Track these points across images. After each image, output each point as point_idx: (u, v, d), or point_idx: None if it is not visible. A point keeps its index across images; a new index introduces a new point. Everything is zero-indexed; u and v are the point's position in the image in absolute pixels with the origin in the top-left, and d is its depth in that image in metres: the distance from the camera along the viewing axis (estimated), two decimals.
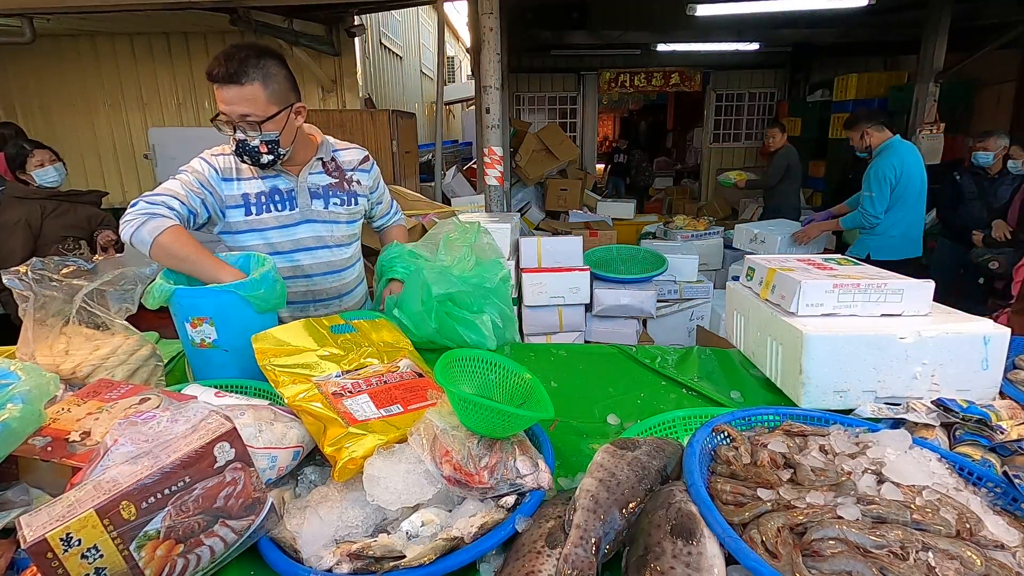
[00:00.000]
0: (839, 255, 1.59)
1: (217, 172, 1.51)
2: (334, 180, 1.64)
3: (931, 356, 1.14)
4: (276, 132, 1.44)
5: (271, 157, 1.47)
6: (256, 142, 1.43)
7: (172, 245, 1.34)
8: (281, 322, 1.29)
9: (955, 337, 1.14)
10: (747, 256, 1.53)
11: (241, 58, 1.36)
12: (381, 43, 7.97)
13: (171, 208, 1.40)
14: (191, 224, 1.47)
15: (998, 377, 1.16)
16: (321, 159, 1.63)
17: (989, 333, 1.14)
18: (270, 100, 1.41)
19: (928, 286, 1.22)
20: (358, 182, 1.69)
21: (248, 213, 1.55)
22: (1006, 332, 1.13)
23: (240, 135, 1.42)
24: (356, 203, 1.69)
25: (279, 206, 1.56)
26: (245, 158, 1.47)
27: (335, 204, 1.64)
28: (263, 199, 1.55)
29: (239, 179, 1.54)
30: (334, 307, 1.73)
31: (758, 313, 1.37)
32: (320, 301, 1.70)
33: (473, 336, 1.47)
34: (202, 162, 1.53)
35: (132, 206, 1.39)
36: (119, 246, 3.04)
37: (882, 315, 1.22)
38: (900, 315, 1.22)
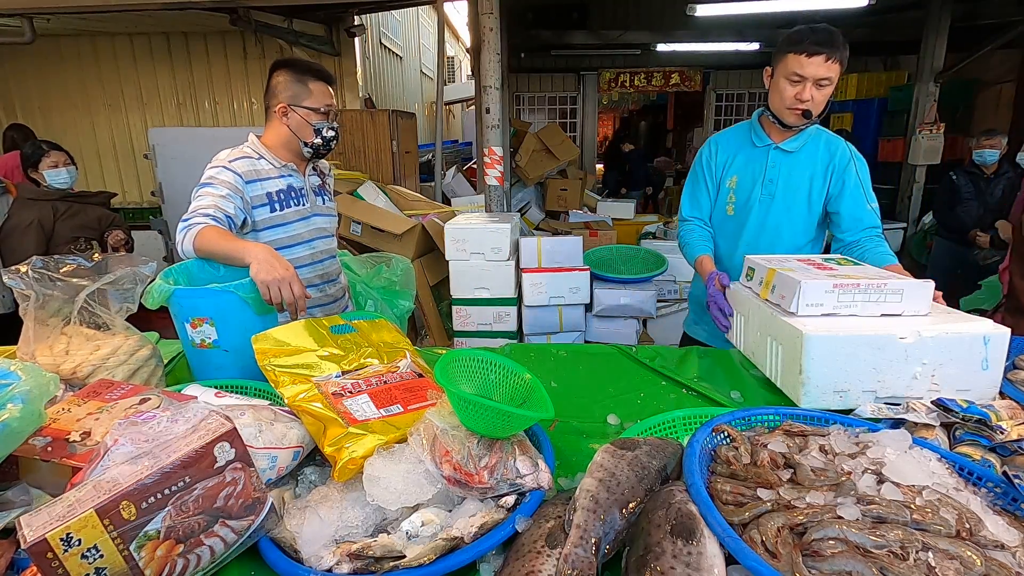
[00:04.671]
0: (838, 255, 1.58)
1: (241, 176, 1.61)
2: (320, 181, 1.86)
3: (931, 356, 1.14)
4: None
5: (336, 143, 1.73)
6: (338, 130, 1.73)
7: (204, 244, 1.40)
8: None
9: (955, 337, 1.13)
10: (747, 256, 1.53)
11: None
12: (381, 43, 7.97)
13: (207, 215, 1.47)
14: (232, 229, 1.55)
15: (998, 377, 1.16)
16: (313, 163, 1.82)
17: (989, 333, 1.13)
18: None
19: (928, 286, 1.22)
20: (330, 185, 1.92)
21: (273, 210, 1.68)
22: (1006, 332, 1.13)
23: (335, 124, 1.70)
24: (333, 201, 1.92)
25: (295, 202, 1.72)
26: (334, 143, 1.71)
27: (327, 200, 1.86)
28: (282, 196, 1.69)
29: (260, 179, 1.66)
30: (334, 286, 1.91)
31: (758, 313, 1.37)
32: (329, 282, 1.88)
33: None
34: (223, 170, 1.59)
35: (177, 232, 1.48)
36: (129, 246, 3.14)
37: (882, 315, 1.22)
38: (900, 315, 1.22)
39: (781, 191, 1.78)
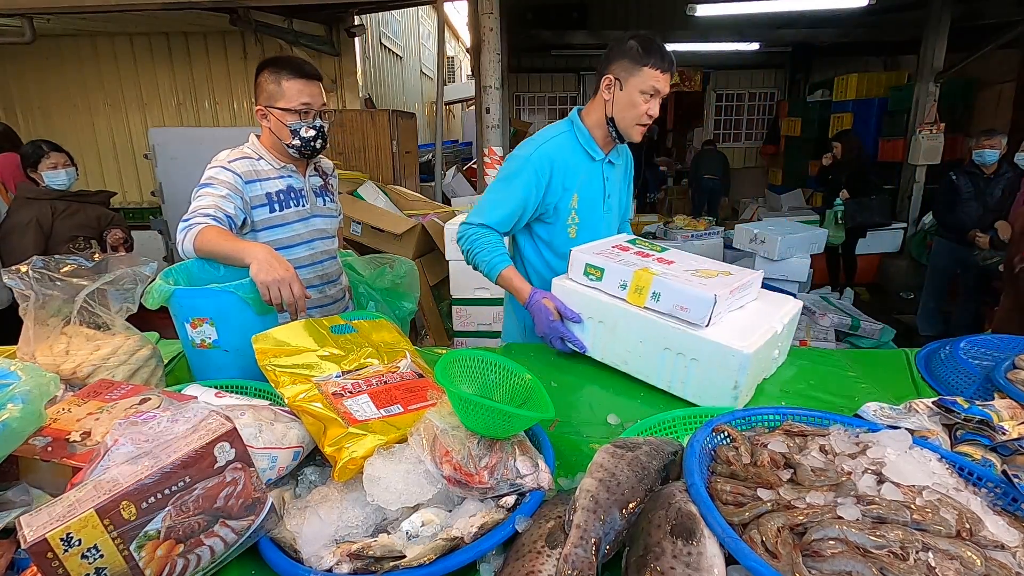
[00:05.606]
0: (627, 235, 1.66)
1: (240, 176, 1.61)
2: (322, 182, 1.84)
3: (781, 336, 1.34)
4: None
5: (324, 143, 1.69)
6: (327, 128, 1.68)
7: (205, 244, 1.40)
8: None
9: (790, 317, 1.37)
10: (575, 250, 1.43)
11: (308, 61, 1.67)
12: (381, 43, 7.97)
13: (207, 215, 1.46)
14: (232, 229, 1.54)
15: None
16: (315, 163, 1.81)
17: (798, 305, 1.42)
18: None
19: (760, 275, 1.39)
20: (333, 185, 1.90)
21: (272, 211, 1.67)
22: (800, 302, 1.44)
23: (319, 122, 1.65)
24: (334, 202, 1.90)
25: (295, 202, 1.72)
26: (318, 143, 1.66)
27: (328, 201, 1.84)
28: (282, 196, 1.69)
29: (260, 180, 1.65)
30: (334, 287, 1.90)
31: (636, 322, 1.31)
32: (329, 283, 1.87)
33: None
34: (223, 171, 1.59)
35: (177, 232, 1.47)
36: (129, 245, 3.12)
37: (739, 308, 1.32)
38: (745, 305, 1.35)
39: (614, 205, 1.77)
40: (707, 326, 1.22)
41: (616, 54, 1.55)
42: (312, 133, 1.64)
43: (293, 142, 1.63)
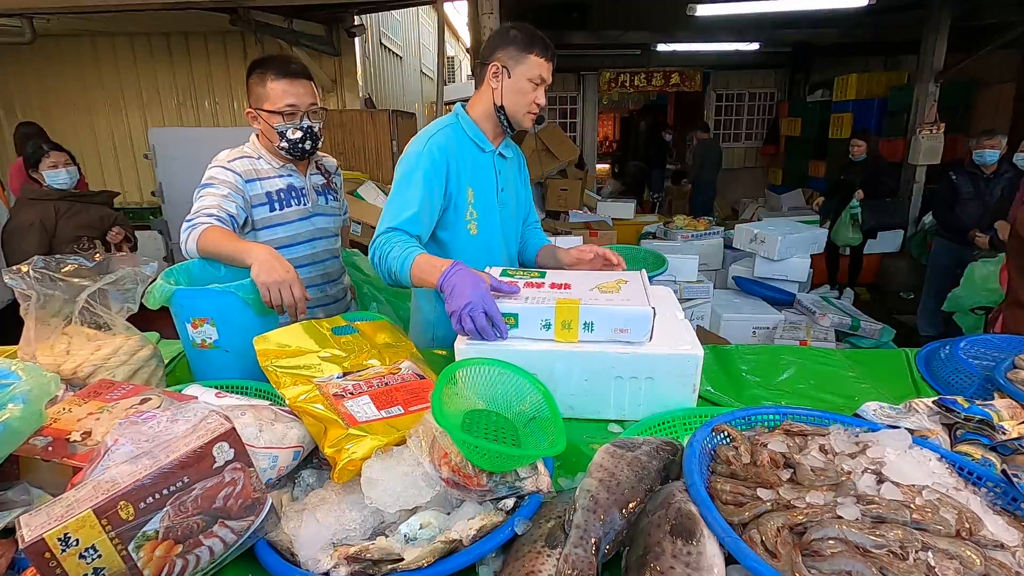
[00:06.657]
0: (511, 268, 1.44)
1: (241, 176, 1.60)
2: (324, 181, 1.83)
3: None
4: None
5: (314, 143, 1.67)
6: (317, 128, 1.65)
7: (207, 244, 1.40)
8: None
9: (676, 302, 1.39)
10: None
11: (297, 59, 1.60)
12: (381, 43, 7.97)
13: (210, 215, 1.46)
14: (234, 229, 1.54)
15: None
16: (316, 161, 1.81)
17: (669, 290, 1.45)
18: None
19: (644, 273, 1.38)
20: (336, 184, 1.90)
21: (272, 209, 1.67)
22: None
23: (307, 123, 1.62)
24: (338, 200, 1.89)
25: (295, 201, 1.71)
26: (307, 144, 1.64)
27: (330, 200, 1.84)
28: (282, 195, 1.68)
29: (260, 179, 1.65)
30: (335, 287, 1.90)
31: (577, 361, 1.18)
32: (331, 282, 1.87)
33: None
34: (223, 171, 1.59)
35: (181, 232, 1.47)
36: (132, 244, 3.16)
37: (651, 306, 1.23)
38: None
39: (510, 200, 1.69)
40: (649, 340, 1.16)
41: (499, 42, 1.51)
42: (299, 135, 1.61)
43: (281, 144, 1.62)
